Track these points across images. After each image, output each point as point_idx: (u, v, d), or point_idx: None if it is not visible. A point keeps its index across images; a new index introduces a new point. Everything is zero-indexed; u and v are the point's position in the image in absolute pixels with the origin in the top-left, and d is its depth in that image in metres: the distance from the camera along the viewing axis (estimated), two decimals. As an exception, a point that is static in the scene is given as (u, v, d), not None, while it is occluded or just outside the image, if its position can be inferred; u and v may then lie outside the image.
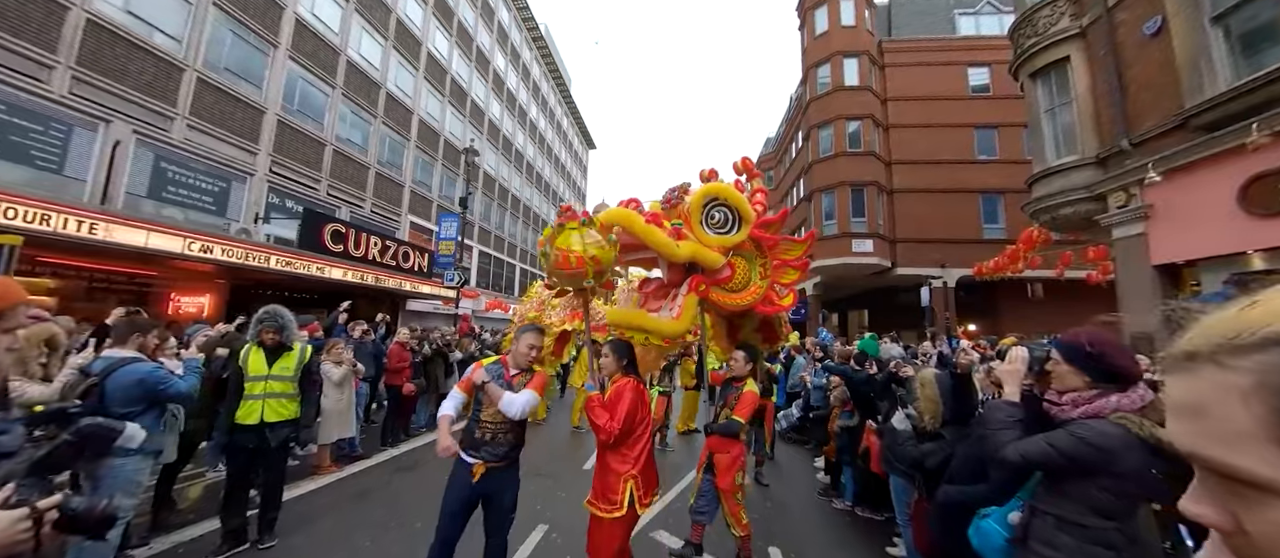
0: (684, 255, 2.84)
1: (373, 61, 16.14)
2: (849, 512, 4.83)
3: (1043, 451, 1.64)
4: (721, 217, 2.97)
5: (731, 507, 3.47)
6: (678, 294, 2.95)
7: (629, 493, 2.58)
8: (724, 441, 3.49)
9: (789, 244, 3.37)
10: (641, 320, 2.86)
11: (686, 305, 2.88)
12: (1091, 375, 1.71)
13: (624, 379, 2.77)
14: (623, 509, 2.58)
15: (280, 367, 3.72)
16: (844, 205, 18.10)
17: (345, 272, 11.64)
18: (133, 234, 7.64)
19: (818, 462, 6.47)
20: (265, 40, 12.07)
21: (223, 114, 10.89)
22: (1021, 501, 1.88)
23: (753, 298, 3.15)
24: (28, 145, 7.78)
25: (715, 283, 3.04)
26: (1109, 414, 1.64)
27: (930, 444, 2.64)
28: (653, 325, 2.84)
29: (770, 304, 3.27)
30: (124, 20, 9.08)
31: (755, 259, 3.21)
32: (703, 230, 2.95)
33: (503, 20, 27.35)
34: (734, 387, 3.56)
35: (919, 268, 17.68)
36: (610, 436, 2.58)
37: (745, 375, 3.57)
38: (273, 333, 3.72)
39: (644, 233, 2.73)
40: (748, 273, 3.18)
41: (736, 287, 3.11)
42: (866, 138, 18.58)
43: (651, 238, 2.75)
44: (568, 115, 41.03)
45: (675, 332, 2.87)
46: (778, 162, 30.74)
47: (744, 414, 3.42)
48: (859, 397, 4.80)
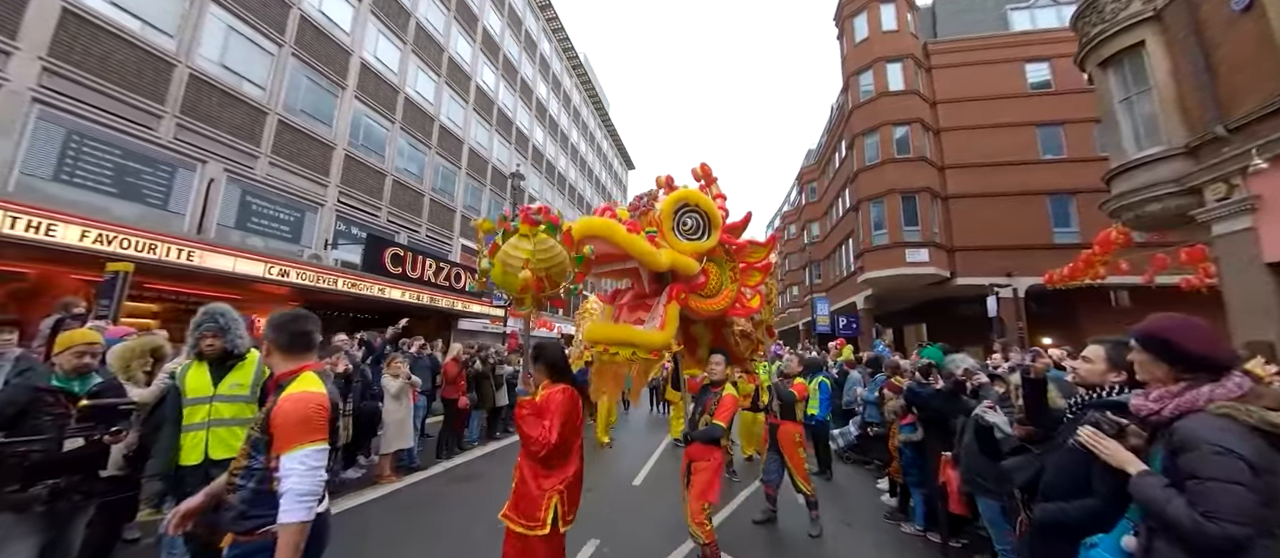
0: (665, 263, 2.81)
1: (427, 96, 17.29)
2: (920, 536, 4.47)
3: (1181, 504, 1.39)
4: (693, 223, 2.99)
5: (697, 514, 3.26)
6: (657, 305, 2.93)
7: (553, 510, 2.35)
8: (705, 448, 3.37)
9: (753, 247, 3.42)
10: (628, 334, 2.77)
11: (669, 315, 2.86)
12: (1172, 363, 1.54)
13: (554, 387, 2.54)
14: (546, 528, 2.34)
15: (231, 384, 2.80)
16: (894, 214, 17.33)
17: (403, 292, 12.31)
18: (222, 260, 8.45)
19: (881, 483, 6.07)
20: (335, 83, 13.24)
21: (299, 151, 11.96)
22: (1131, 521, 1.66)
23: (726, 302, 3.19)
24: (140, 185, 8.84)
25: (692, 290, 3.05)
26: (1204, 407, 1.44)
27: (1016, 459, 2.41)
28: (640, 339, 2.76)
29: (741, 307, 3.33)
30: (219, 73, 10.24)
31: (725, 264, 3.24)
32: (675, 238, 2.94)
33: (544, 52, 28.66)
34: (713, 392, 3.48)
35: (982, 277, 16.54)
36: (545, 448, 2.34)
37: (723, 380, 3.52)
38: (212, 338, 2.76)
39: (627, 243, 2.68)
40: (720, 278, 3.20)
41: (711, 292, 3.13)
42: (915, 143, 17.83)
43: (635, 248, 2.70)
44: (607, 138, 42.07)
45: (663, 343, 2.82)
46: (820, 173, 30.03)
47: (724, 418, 3.34)
48: (927, 414, 4.49)
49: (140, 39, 8.83)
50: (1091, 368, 1.96)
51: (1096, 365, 1.91)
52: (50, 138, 7.74)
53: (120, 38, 8.54)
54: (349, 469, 5.77)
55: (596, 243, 2.73)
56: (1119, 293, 13.23)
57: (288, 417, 1.66)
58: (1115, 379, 1.90)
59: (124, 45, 8.60)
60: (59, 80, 7.74)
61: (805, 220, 33.24)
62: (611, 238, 2.66)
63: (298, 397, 1.71)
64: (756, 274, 3.38)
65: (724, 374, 3.49)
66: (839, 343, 10.20)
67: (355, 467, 5.86)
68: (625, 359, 2.79)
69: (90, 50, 8.14)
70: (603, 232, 2.68)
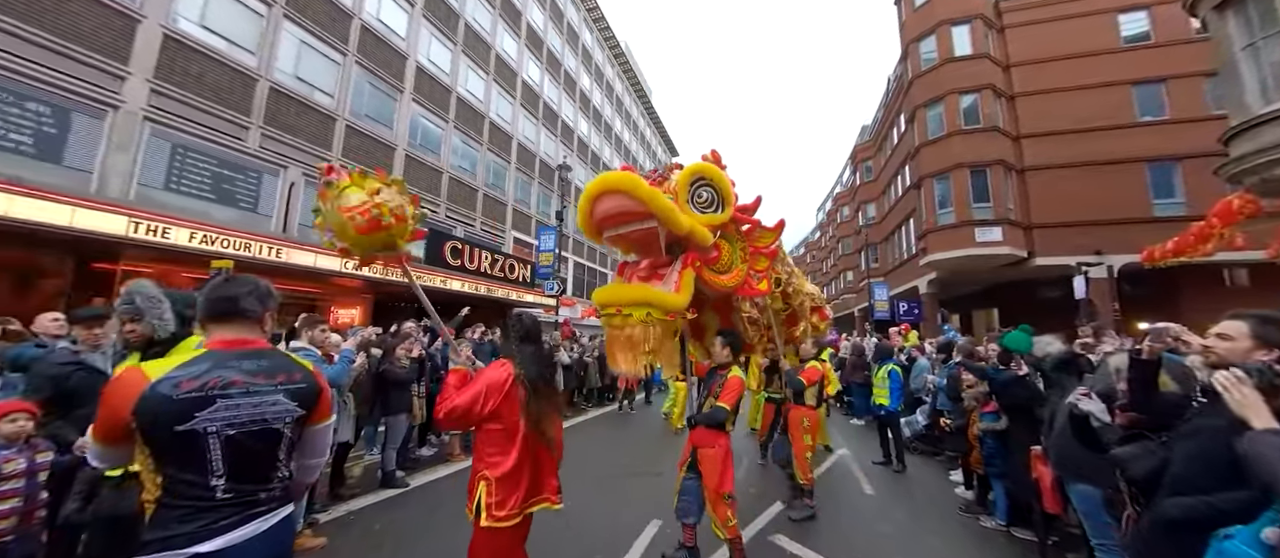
0: (686, 227, 2.69)
1: (477, 94, 17.88)
2: (1003, 532, 4.18)
3: None
4: (708, 196, 2.91)
5: (717, 507, 3.14)
6: (672, 270, 2.83)
7: (479, 496, 2.10)
8: (710, 433, 3.23)
9: (762, 231, 3.32)
10: (644, 294, 2.66)
11: (685, 280, 2.76)
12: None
13: (499, 362, 2.32)
14: (472, 515, 2.11)
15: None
16: (962, 190, 16.09)
17: (462, 283, 12.93)
18: (304, 256, 9.21)
19: (954, 475, 5.73)
20: (394, 87, 13.96)
21: (365, 153, 12.75)
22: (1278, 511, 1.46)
23: (736, 280, 3.12)
24: (234, 191, 9.76)
25: (705, 262, 2.95)
26: None
27: (1131, 447, 2.17)
28: (658, 299, 2.63)
29: (749, 288, 3.26)
30: (294, 84, 11.07)
31: (736, 242, 3.17)
32: (690, 209, 2.84)
33: (586, 42, 28.78)
34: (719, 374, 3.36)
35: (1065, 256, 15.09)
36: (445, 413, 2.12)
37: (730, 363, 3.40)
38: (130, 323, 2.19)
39: (649, 197, 2.54)
40: (732, 255, 3.13)
41: (723, 268, 3.06)
42: (986, 111, 16.40)
43: (657, 203, 2.56)
44: (650, 125, 41.83)
45: (679, 305, 2.71)
46: (876, 150, 28.41)
47: (729, 401, 3.20)
48: (1008, 402, 4.16)
49: (227, 58, 9.68)
50: (1232, 346, 1.72)
51: (1239, 343, 1.68)
52: (160, 151, 8.69)
53: (211, 58, 9.40)
54: (423, 447, 6.17)
55: (616, 199, 2.59)
56: (1234, 270, 11.63)
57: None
58: (1265, 358, 1.66)
59: (215, 64, 9.47)
60: (164, 100, 8.65)
61: (860, 201, 31.60)
62: (634, 192, 2.52)
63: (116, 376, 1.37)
64: (763, 259, 3.31)
65: (729, 358, 3.40)
66: (903, 328, 9.68)
67: (428, 445, 6.26)
68: (639, 321, 2.61)
69: (188, 70, 9.03)
70: (626, 185, 2.53)
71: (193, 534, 1.24)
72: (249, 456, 1.35)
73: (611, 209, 2.67)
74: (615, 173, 2.65)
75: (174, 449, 1.28)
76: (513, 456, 2.13)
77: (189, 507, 1.27)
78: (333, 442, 3.97)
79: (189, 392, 1.29)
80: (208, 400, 1.30)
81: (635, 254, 3.17)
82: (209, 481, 1.28)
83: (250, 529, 1.32)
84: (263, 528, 1.34)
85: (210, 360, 1.37)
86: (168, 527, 1.25)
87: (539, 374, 2.30)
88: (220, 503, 1.29)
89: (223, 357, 1.40)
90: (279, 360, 1.50)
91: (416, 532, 3.90)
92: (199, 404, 1.29)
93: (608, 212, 2.69)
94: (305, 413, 1.49)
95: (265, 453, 1.39)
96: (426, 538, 3.79)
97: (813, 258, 53.39)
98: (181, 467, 1.28)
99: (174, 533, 1.24)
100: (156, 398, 1.26)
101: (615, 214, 2.70)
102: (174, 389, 1.28)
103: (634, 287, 2.77)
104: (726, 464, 3.17)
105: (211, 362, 1.37)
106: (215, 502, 1.29)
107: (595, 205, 2.70)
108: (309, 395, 1.51)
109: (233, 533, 1.28)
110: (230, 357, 1.40)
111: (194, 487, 1.28)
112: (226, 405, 1.32)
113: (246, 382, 1.37)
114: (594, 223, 2.82)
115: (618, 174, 2.62)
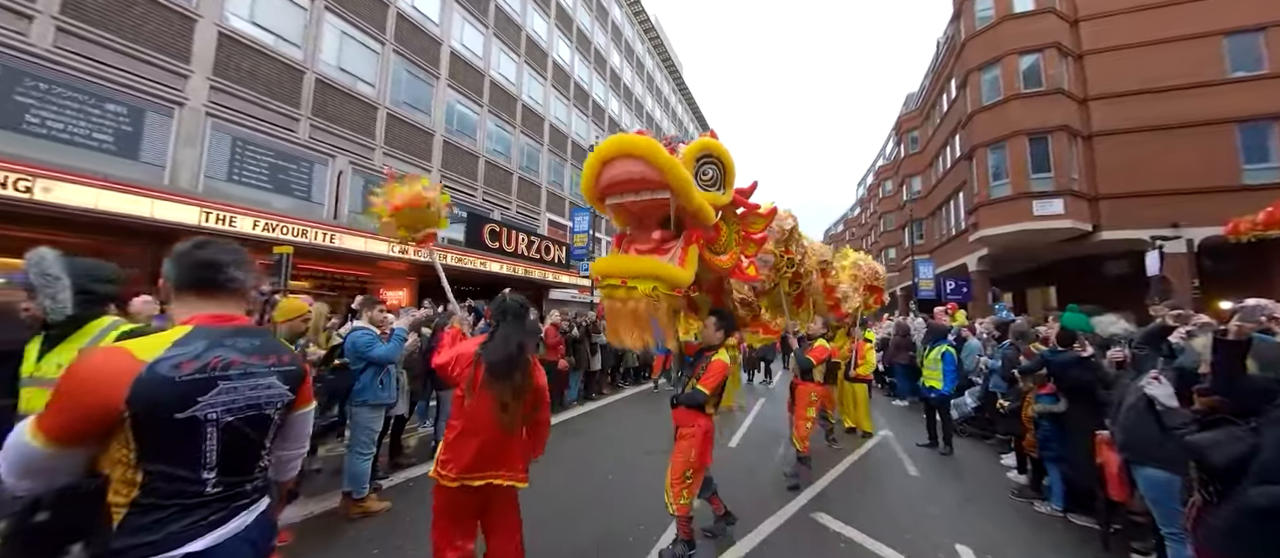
0: (698, 200, 2.57)
1: (510, 77, 18.00)
2: (1059, 518, 4.02)
3: None
4: (712, 174, 2.77)
5: (675, 483, 3.14)
6: (676, 246, 2.73)
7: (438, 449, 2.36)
8: (689, 413, 3.23)
9: (754, 216, 3.20)
10: (651, 266, 2.53)
11: (690, 256, 2.67)
12: None
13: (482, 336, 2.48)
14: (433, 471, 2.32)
15: (54, 363, 1.88)
16: (1019, 160, 15.02)
17: (500, 265, 13.29)
18: (355, 241, 9.70)
19: (1006, 459, 5.53)
20: (430, 74, 14.23)
21: (405, 140, 13.15)
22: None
23: (731, 262, 3.03)
24: (289, 180, 10.32)
25: (707, 241, 2.87)
26: None
27: (1213, 433, 2.03)
28: (665, 272, 2.52)
29: (740, 272, 3.18)
30: (338, 76, 11.47)
31: (733, 225, 3.07)
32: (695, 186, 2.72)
33: (615, 19, 28.28)
34: (705, 356, 3.31)
35: (1136, 229, 13.92)
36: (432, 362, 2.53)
37: (718, 344, 3.34)
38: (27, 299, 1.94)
39: (667, 166, 2.40)
40: (728, 237, 3.03)
41: (720, 249, 2.97)
42: (1049, 73, 15.11)
43: (674, 173, 2.42)
44: (682, 102, 41.02)
45: (685, 280, 2.63)
46: (922, 119, 26.81)
47: (710, 385, 3.16)
48: (1068, 384, 3.95)
49: (276, 52, 10.12)
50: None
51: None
52: (222, 145, 9.26)
53: (262, 53, 9.86)
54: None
55: (631, 164, 2.45)
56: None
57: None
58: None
59: (265, 59, 9.92)
60: (223, 96, 9.17)
61: (904, 175, 30.06)
62: (653, 158, 2.38)
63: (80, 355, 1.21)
64: (753, 246, 3.24)
65: (718, 338, 3.35)
66: (950, 308, 9.27)
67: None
68: (644, 295, 2.49)
69: (242, 66, 9.51)
70: (644, 150, 2.38)
71: (181, 534, 1.11)
72: (241, 444, 1.23)
73: (622, 175, 2.48)
74: (632, 136, 2.47)
75: (169, 440, 1.12)
76: (459, 423, 2.28)
77: (176, 505, 1.12)
78: (390, 415, 4.28)
79: (191, 374, 1.14)
80: (210, 383, 1.16)
81: (629, 227, 2.99)
82: (201, 474, 1.15)
83: (238, 523, 1.21)
84: (249, 520, 1.24)
85: (205, 338, 1.20)
86: (151, 531, 1.08)
87: (502, 357, 2.29)
88: (209, 498, 1.17)
89: (217, 334, 1.23)
90: (268, 340, 1.38)
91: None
92: (201, 388, 1.15)
93: (618, 177, 2.50)
94: (293, 398, 1.38)
95: (256, 441, 1.28)
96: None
97: (852, 235, 51.50)
98: (174, 461, 1.13)
99: (161, 536, 1.09)
100: (156, 381, 1.09)
101: (625, 180, 2.51)
102: (175, 370, 1.12)
103: (641, 259, 2.63)
104: (704, 445, 3.20)
105: (207, 339, 1.20)
106: (205, 497, 1.16)
107: (604, 168, 2.50)
108: (297, 378, 1.39)
109: (222, 529, 1.17)
110: (224, 334, 1.24)
111: (183, 482, 1.13)
112: (227, 389, 1.19)
113: (244, 363, 1.24)
114: (599, 187, 2.60)
115: (635, 137, 2.45)
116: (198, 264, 1.28)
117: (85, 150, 7.49)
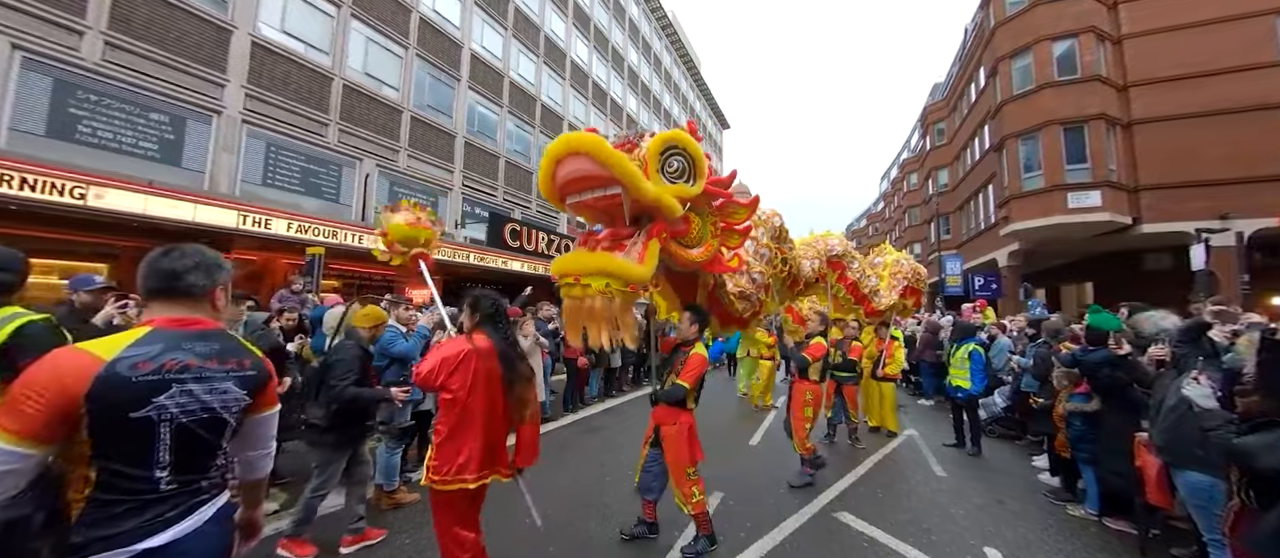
0: (651, 193, 2.53)
1: (528, 78, 18.20)
2: (1094, 522, 3.90)
3: None
4: (679, 166, 2.73)
5: (681, 484, 3.13)
6: (636, 240, 2.69)
7: (428, 456, 2.35)
8: (670, 410, 3.19)
9: (735, 207, 3.15)
10: (604, 263, 2.51)
11: (650, 251, 2.63)
12: None
13: (458, 338, 2.49)
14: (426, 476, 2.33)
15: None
16: (1053, 151, 14.44)
17: (522, 264, 13.49)
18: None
19: (1038, 461, 5.37)
20: (452, 76, 14.50)
21: (429, 142, 13.45)
22: None
23: (705, 255, 3.00)
24: (319, 183, 10.69)
25: (673, 234, 2.83)
26: None
27: (1262, 436, 1.94)
28: (618, 268, 2.49)
29: (718, 264, 3.14)
30: (364, 80, 11.80)
31: (708, 216, 3.03)
32: (660, 178, 2.68)
33: (633, 16, 28.25)
34: (682, 351, 3.28)
35: (1180, 221, 13.25)
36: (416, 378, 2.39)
37: (694, 339, 3.30)
38: None
39: (612, 160, 2.39)
40: (701, 229, 2.99)
41: (691, 242, 2.94)
42: (1085, 58, 14.46)
43: (621, 167, 2.40)
44: (700, 98, 40.71)
45: (641, 276, 2.58)
46: (949, 110, 26.01)
47: (690, 380, 3.11)
48: (1100, 384, 3.82)
49: (305, 59, 10.47)
50: None
51: None
52: (256, 150, 9.64)
53: (292, 61, 10.21)
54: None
55: (579, 161, 2.46)
56: None
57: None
58: None
59: (296, 67, 10.28)
60: (257, 103, 9.54)
61: (930, 168, 29.24)
62: (596, 154, 2.38)
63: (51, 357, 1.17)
64: (736, 237, 3.20)
65: (694, 333, 3.31)
66: (979, 304, 9.02)
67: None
68: (598, 292, 2.49)
69: (273, 74, 9.87)
70: (588, 147, 2.39)
71: (136, 530, 1.14)
72: (195, 445, 1.26)
73: (572, 173, 2.50)
74: (578, 133, 2.48)
75: (123, 439, 1.15)
76: (452, 425, 2.32)
77: (131, 502, 1.15)
78: (418, 411, 4.42)
79: (145, 374, 1.17)
80: (164, 385, 1.19)
81: (599, 224, 3.01)
82: (154, 473, 1.18)
83: (195, 520, 1.24)
84: (207, 516, 1.27)
85: (161, 340, 1.23)
86: (107, 525, 1.12)
87: (507, 348, 2.46)
88: (164, 495, 1.19)
89: (175, 337, 1.26)
90: (230, 345, 1.38)
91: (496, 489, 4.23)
92: (155, 388, 1.18)
93: (569, 175, 2.52)
94: (252, 402, 1.39)
95: (210, 442, 1.30)
96: (507, 494, 4.10)
97: (875, 230, 50.37)
98: (126, 459, 1.16)
99: (117, 531, 1.12)
100: (114, 380, 1.13)
101: (577, 178, 2.53)
102: (131, 370, 1.15)
103: (594, 255, 2.61)
104: (690, 441, 3.17)
105: (163, 342, 1.23)
106: (160, 494, 1.19)
107: (557, 168, 2.52)
108: (258, 383, 1.41)
109: (179, 525, 1.20)
110: (181, 337, 1.27)
111: (136, 480, 1.16)
112: (180, 391, 1.21)
113: (199, 366, 1.26)
114: (556, 188, 2.63)
115: (581, 134, 2.46)
116: (158, 273, 1.32)
117: (132, 158, 7.90)
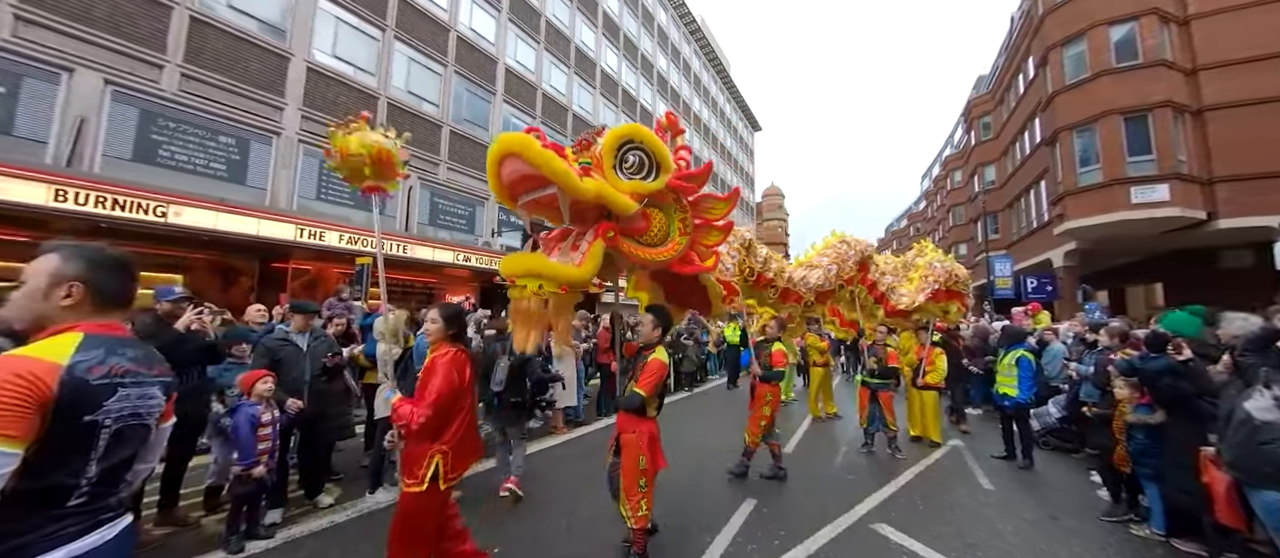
0: (589, 191, 2.45)
1: (560, 89, 18.65)
2: (1161, 542, 3.64)
3: None
4: (637, 160, 2.65)
5: (630, 494, 2.95)
6: (583, 240, 2.63)
7: (433, 468, 2.35)
8: (631, 418, 3.04)
9: (712, 202, 2.99)
10: (537, 265, 2.48)
11: (592, 252, 2.55)
12: None
13: (442, 350, 2.48)
14: (422, 485, 2.34)
15: None
16: (1113, 143, 13.51)
17: (554, 271, 13.81)
18: (424, 251, 10.50)
19: (1095, 477, 5.04)
20: (487, 91, 15.06)
21: (467, 155, 14.00)
22: None
23: (671, 254, 2.85)
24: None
25: (627, 233, 2.72)
26: None
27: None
28: (549, 270, 2.45)
29: (689, 263, 2.98)
30: (406, 98, 12.44)
31: (675, 213, 2.87)
32: (616, 175, 2.61)
33: (661, 22, 28.45)
34: (643, 355, 3.10)
35: (1261, 215, 12.11)
36: (416, 424, 2.29)
37: (656, 343, 3.13)
38: None
39: (541, 160, 2.32)
40: (666, 227, 2.85)
41: (653, 241, 2.81)
42: (1148, 43, 13.48)
43: (550, 166, 2.33)
44: (730, 101, 40.46)
45: (577, 279, 2.50)
46: (996, 102, 24.76)
47: (647, 387, 2.95)
48: (1161, 394, 3.57)
49: (353, 81, 11.15)
50: None
51: None
52: (311, 168, 10.33)
53: (343, 83, 10.90)
54: (531, 420, 6.83)
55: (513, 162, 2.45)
56: None
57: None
58: None
59: (344, 88, 10.96)
60: (312, 123, 10.23)
61: (975, 164, 27.87)
62: (525, 154, 2.35)
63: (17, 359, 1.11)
64: (715, 233, 3.05)
65: (655, 337, 3.15)
66: (1032, 308, 8.55)
67: (535, 418, 6.91)
68: (532, 294, 2.49)
69: (325, 96, 10.56)
70: (517, 147, 2.37)
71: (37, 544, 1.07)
72: (119, 453, 1.22)
73: (511, 174, 2.53)
74: (511, 134, 2.46)
75: (67, 442, 1.11)
76: (455, 424, 2.44)
77: (44, 514, 1.09)
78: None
79: (99, 378, 1.16)
80: (112, 389, 1.18)
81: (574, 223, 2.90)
82: (79, 481, 1.13)
83: (99, 536, 1.17)
84: (112, 534, 1.20)
85: (102, 346, 1.21)
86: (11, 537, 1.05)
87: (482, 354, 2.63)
88: (73, 510, 1.13)
89: (109, 342, 1.23)
90: (150, 350, 1.38)
91: (531, 493, 4.37)
92: (106, 392, 1.17)
93: (510, 176, 2.55)
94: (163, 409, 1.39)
95: (132, 451, 1.27)
96: (542, 496, 4.24)
97: (917, 231, 48.37)
98: (60, 464, 1.10)
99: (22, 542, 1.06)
100: (74, 382, 1.11)
101: (518, 179, 2.55)
102: (87, 373, 1.14)
103: (527, 257, 2.62)
104: (651, 450, 3.02)
105: (102, 347, 1.21)
106: (71, 508, 1.13)
107: (500, 170, 2.54)
108: (171, 389, 1.41)
109: (85, 539, 1.14)
110: (114, 343, 1.25)
111: (56, 490, 1.10)
112: (123, 396, 1.20)
113: (136, 371, 1.25)
114: (504, 189, 2.66)
115: (515, 136, 2.42)
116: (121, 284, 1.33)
117: (203, 177, 8.64)
